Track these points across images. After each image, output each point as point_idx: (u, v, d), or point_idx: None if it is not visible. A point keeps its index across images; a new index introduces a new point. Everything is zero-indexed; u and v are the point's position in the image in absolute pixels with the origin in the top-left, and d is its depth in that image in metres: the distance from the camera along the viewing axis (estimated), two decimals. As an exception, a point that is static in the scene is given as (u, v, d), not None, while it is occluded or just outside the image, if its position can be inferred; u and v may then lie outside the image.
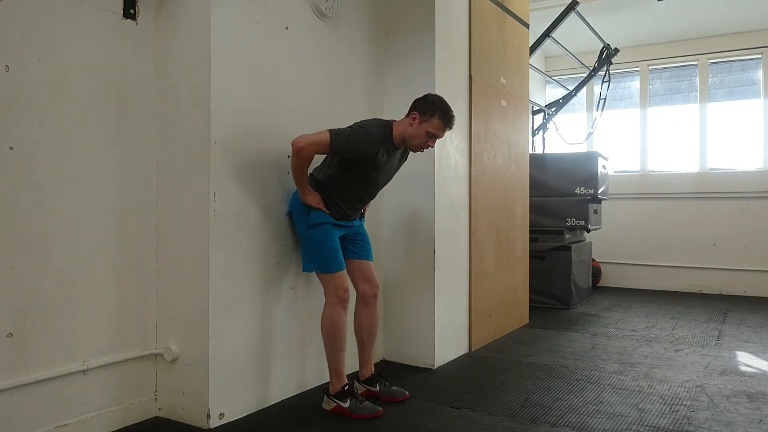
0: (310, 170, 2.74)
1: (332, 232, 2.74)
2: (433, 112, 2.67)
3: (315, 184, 2.75)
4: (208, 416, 2.52)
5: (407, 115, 2.73)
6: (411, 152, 2.90)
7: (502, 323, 4.36)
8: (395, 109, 3.35)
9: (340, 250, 2.77)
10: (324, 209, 2.71)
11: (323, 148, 2.58)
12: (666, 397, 2.97)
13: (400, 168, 2.95)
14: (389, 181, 2.93)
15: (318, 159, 2.82)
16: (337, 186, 2.74)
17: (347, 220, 2.83)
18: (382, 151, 2.68)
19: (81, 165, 2.39)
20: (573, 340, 4.25)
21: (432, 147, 2.78)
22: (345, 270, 2.78)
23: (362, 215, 2.98)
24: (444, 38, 3.59)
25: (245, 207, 2.70)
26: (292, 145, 2.58)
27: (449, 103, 3.03)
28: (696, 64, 6.86)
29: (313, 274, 2.83)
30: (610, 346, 4.05)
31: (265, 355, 2.81)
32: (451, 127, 2.74)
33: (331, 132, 2.58)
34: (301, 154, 2.56)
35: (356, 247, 2.89)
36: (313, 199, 2.70)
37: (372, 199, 2.92)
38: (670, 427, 2.57)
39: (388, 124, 2.72)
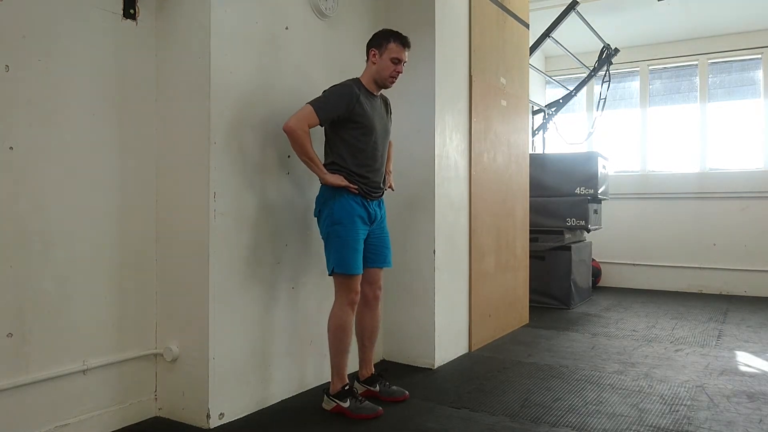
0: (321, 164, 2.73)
1: (358, 232, 2.71)
2: (387, 39, 2.77)
3: (333, 168, 2.73)
4: (208, 416, 2.52)
5: (367, 60, 2.83)
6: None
7: (502, 323, 4.36)
8: (395, 109, 3.35)
9: (362, 253, 2.75)
10: (351, 186, 2.68)
11: (312, 117, 2.62)
12: (666, 397, 2.97)
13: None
14: (388, 134, 2.92)
15: (321, 152, 2.81)
16: (346, 154, 2.72)
17: (377, 193, 2.80)
18: (363, 97, 2.73)
19: (81, 165, 2.39)
20: (573, 340, 4.25)
21: (401, 72, 2.81)
22: (361, 274, 2.76)
23: (387, 182, 2.95)
24: (444, 38, 3.59)
25: (245, 207, 2.70)
26: (284, 129, 2.61)
27: (449, 102, 3.05)
28: (696, 64, 6.86)
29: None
30: (610, 346, 4.05)
31: (265, 355, 2.81)
32: (408, 46, 2.81)
33: (310, 102, 2.66)
34: (295, 131, 2.59)
35: (374, 253, 2.85)
36: (335, 177, 2.68)
37: (382, 156, 2.86)
38: (670, 427, 2.57)
39: (354, 79, 2.82)
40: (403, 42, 2.78)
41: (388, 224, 3.56)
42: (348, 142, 2.72)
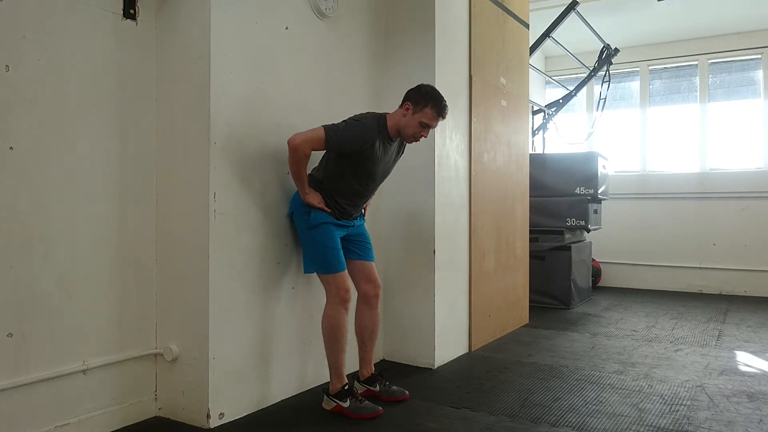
0: (309, 170, 2.75)
1: (333, 233, 2.74)
2: (426, 102, 2.69)
3: (314, 183, 2.75)
4: (208, 416, 2.52)
5: (400, 106, 2.75)
6: (407, 146, 2.94)
7: (502, 323, 4.36)
8: (395, 108, 3.35)
9: (341, 251, 2.77)
10: (325, 209, 2.71)
11: (319, 143, 2.59)
12: (666, 397, 2.97)
13: (397, 163, 2.95)
14: (387, 175, 2.92)
15: (316, 159, 2.82)
16: (336, 183, 2.74)
17: (348, 219, 2.83)
18: (378, 143, 2.69)
19: (81, 165, 2.39)
20: (573, 340, 4.25)
21: (425, 137, 2.78)
22: (346, 270, 2.78)
23: (363, 214, 2.99)
24: (444, 38, 3.59)
25: (245, 207, 2.70)
26: (288, 143, 2.59)
27: (449, 102, 3.00)
28: (696, 64, 6.86)
29: (314, 274, 2.82)
30: (610, 346, 4.05)
31: (265, 355, 2.81)
32: (444, 117, 2.74)
33: (326, 127, 2.60)
34: (297, 151, 2.57)
35: (357, 247, 2.89)
36: (315, 198, 2.70)
37: (371, 194, 2.91)
38: (670, 427, 2.57)
39: (381, 117, 2.75)
40: (440, 112, 2.70)
41: (387, 225, 3.59)
42: (343, 175, 2.72)
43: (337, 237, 2.76)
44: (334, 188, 2.74)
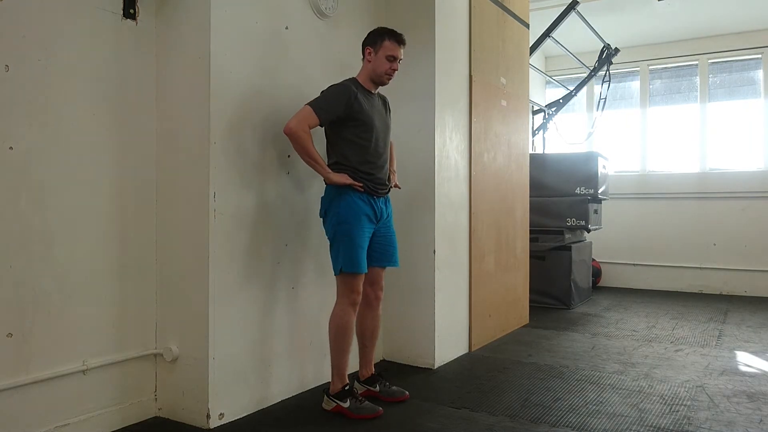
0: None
1: (364, 229, 2.70)
2: (381, 38, 2.78)
3: (337, 168, 2.73)
4: (208, 416, 2.52)
5: (363, 59, 2.84)
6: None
7: (502, 323, 4.36)
8: (395, 109, 3.35)
9: (366, 252, 2.74)
10: (355, 183, 2.68)
11: (311, 118, 2.63)
12: (666, 397, 2.97)
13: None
14: (389, 130, 2.92)
15: (323, 151, 2.81)
16: (348, 153, 2.72)
17: (382, 189, 2.79)
18: (360, 95, 2.73)
19: (81, 165, 2.39)
20: (573, 340, 4.25)
21: (397, 69, 2.82)
22: (365, 273, 2.75)
23: (392, 181, 2.95)
24: (444, 38, 3.59)
25: (245, 207, 2.70)
26: (285, 132, 2.62)
27: (449, 102, 3.03)
28: (696, 64, 6.86)
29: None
30: (610, 346, 4.05)
31: (265, 355, 2.81)
32: (403, 44, 2.82)
33: (309, 103, 2.67)
34: (297, 133, 2.60)
35: (379, 252, 2.84)
36: (340, 176, 2.68)
37: (384, 150, 2.85)
38: (671, 427, 2.57)
39: (351, 78, 2.83)
40: (398, 39, 2.78)
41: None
42: (350, 141, 2.72)
43: (367, 235, 2.73)
44: (349, 159, 2.72)
